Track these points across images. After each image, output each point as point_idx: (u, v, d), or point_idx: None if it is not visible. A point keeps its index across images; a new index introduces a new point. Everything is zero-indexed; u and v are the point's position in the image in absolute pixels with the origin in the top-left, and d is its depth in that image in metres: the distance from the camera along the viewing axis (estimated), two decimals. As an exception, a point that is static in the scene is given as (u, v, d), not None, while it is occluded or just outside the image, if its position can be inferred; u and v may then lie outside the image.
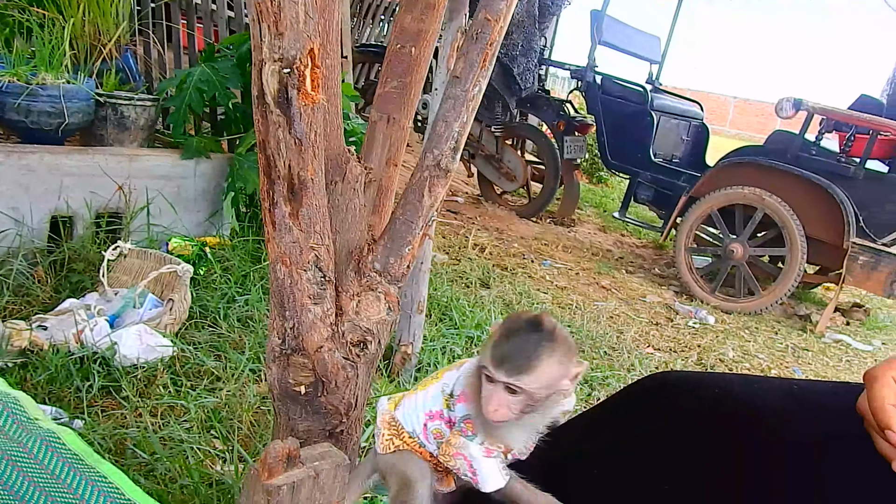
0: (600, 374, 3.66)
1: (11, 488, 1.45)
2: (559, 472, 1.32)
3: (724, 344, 4.77)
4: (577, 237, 7.21)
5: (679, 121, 7.00)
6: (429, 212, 1.61)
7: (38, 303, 3.24)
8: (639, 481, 1.21)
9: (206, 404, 2.65)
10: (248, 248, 4.05)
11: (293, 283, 1.51)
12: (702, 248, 6.11)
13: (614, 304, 5.17)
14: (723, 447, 1.12)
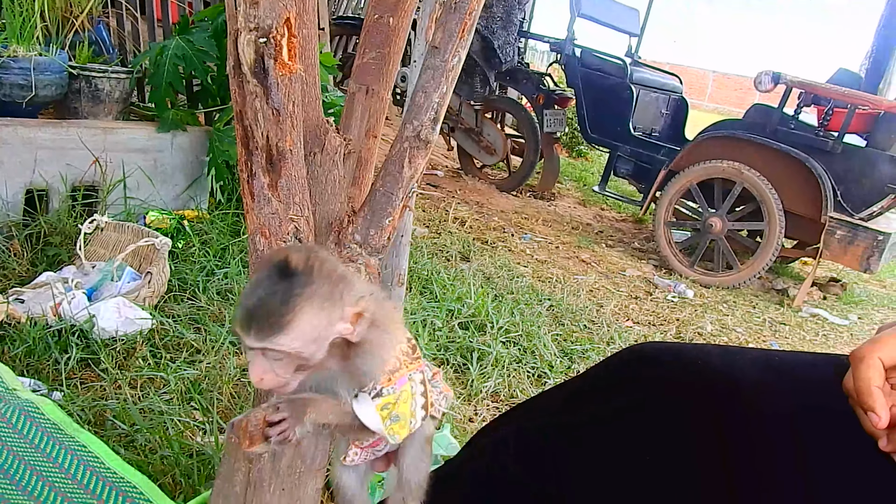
0: (580, 348, 3.69)
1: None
2: (537, 444, 1.33)
3: (703, 318, 4.82)
4: (556, 211, 7.23)
5: (658, 94, 7.00)
6: (409, 183, 1.61)
7: (14, 276, 3.21)
8: (619, 453, 1.21)
9: (185, 376, 2.65)
10: (227, 221, 4.03)
11: (272, 254, 1.50)
12: (681, 222, 6.16)
13: (594, 278, 5.20)
14: (702, 418, 1.13)
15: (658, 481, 1.15)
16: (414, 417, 1.15)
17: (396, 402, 1.12)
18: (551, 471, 1.27)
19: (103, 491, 1.38)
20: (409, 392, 1.14)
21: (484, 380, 3.13)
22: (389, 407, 1.11)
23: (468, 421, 2.84)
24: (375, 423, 1.09)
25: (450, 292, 3.92)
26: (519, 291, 4.34)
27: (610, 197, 7.05)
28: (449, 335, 3.46)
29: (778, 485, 1.04)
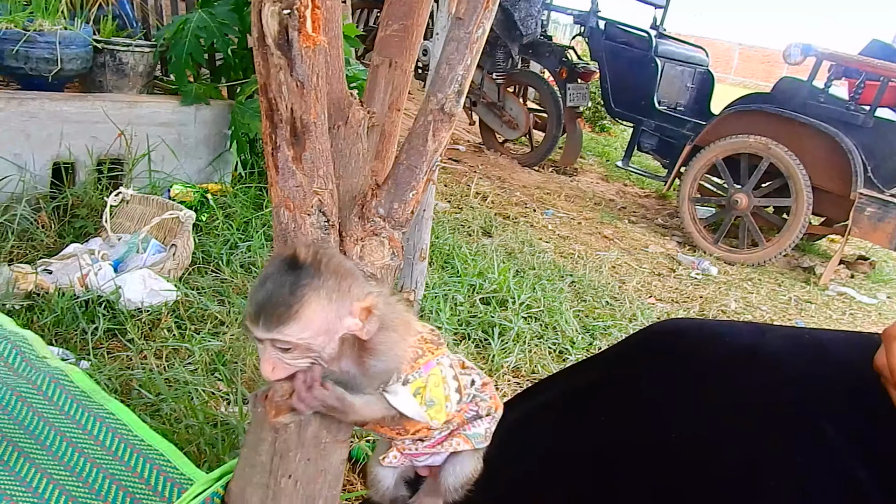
0: (602, 324, 3.69)
1: (21, 423, 1.48)
2: (566, 419, 1.32)
3: (727, 295, 4.79)
4: (579, 186, 7.19)
5: (684, 67, 6.91)
6: (433, 157, 1.60)
7: (42, 247, 3.26)
8: (644, 427, 1.21)
9: (210, 347, 2.68)
10: (251, 194, 4.05)
11: (297, 227, 1.51)
12: (705, 199, 6.10)
13: (616, 254, 5.18)
14: (728, 394, 1.13)
15: (683, 453, 1.15)
16: (449, 401, 1.14)
17: (426, 385, 1.11)
18: (581, 439, 1.27)
19: (131, 458, 1.40)
20: (440, 375, 1.14)
21: (505, 355, 3.13)
22: (421, 391, 1.11)
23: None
24: (414, 410, 1.09)
25: (471, 267, 3.92)
26: (541, 267, 4.33)
27: (633, 172, 7.00)
28: (470, 310, 3.47)
29: (799, 464, 1.04)
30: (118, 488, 1.34)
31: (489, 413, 1.28)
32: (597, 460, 1.24)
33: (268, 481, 1.04)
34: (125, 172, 3.74)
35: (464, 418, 1.27)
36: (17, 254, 3.16)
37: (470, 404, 1.26)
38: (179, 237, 3.22)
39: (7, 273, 2.81)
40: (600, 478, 1.23)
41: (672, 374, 1.20)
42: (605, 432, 1.25)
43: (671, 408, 1.18)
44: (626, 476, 1.21)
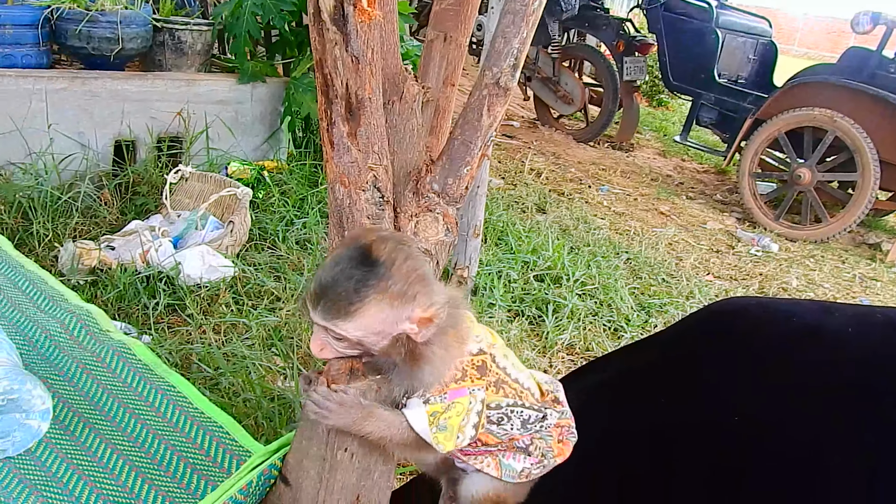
0: (658, 301, 3.63)
1: (86, 394, 1.53)
2: (623, 398, 1.31)
3: (788, 272, 4.67)
4: (635, 162, 7.07)
5: (745, 39, 6.70)
6: (487, 132, 1.59)
7: (105, 224, 3.34)
8: (704, 410, 1.19)
9: (266, 323, 2.72)
10: (305, 171, 4.09)
11: (352, 203, 1.51)
12: (767, 174, 5.94)
13: (673, 231, 5.09)
14: (793, 375, 1.10)
15: (743, 433, 1.13)
16: (462, 433, 1.13)
17: (446, 411, 1.11)
18: (638, 419, 1.25)
19: (191, 429, 1.44)
20: (466, 407, 1.13)
21: (559, 332, 3.11)
22: (437, 415, 1.10)
23: (542, 373, 2.84)
24: (422, 426, 1.09)
25: (525, 244, 3.90)
26: (596, 244, 4.28)
27: (692, 147, 6.85)
28: (524, 287, 3.45)
29: (866, 443, 1.01)
30: (179, 458, 1.37)
31: (543, 455, 1.28)
32: (654, 440, 1.23)
33: (324, 454, 1.05)
34: (184, 150, 3.80)
35: (512, 445, 1.26)
36: (81, 230, 3.25)
37: (525, 436, 1.25)
38: (237, 214, 3.27)
39: (72, 249, 2.89)
40: (657, 457, 1.22)
41: (733, 353, 1.17)
42: (663, 412, 1.23)
43: (732, 388, 1.15)
44: (683, 456, 1.19)
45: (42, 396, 1.37)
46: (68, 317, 1.74)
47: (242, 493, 1.09)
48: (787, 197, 5.64)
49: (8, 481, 1.29)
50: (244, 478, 1.10)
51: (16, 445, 1.36)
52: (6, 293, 1.83)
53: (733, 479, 1.16)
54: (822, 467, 1.07)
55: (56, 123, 3.37)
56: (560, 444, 1.28)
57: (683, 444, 1.18)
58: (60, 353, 1.63)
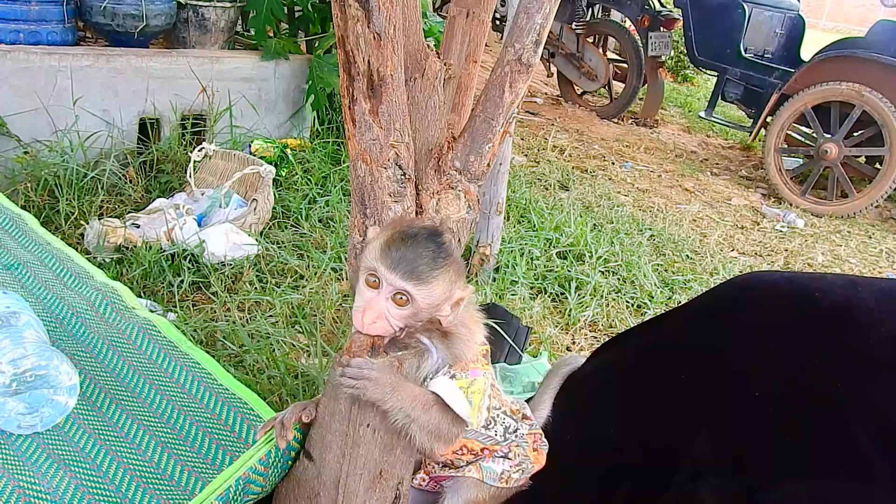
0: (682, 278, 3.61)
1: (112, 370, 1.55)
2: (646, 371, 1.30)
3: (814, 248, 4.62)
4: (660, 138, 7.00)
5: (772, 13, 6.58)
6: (510, 108, 1.58)
7: (130, 202, 3.37)
8: (727, 385, 1.18)
9: (290, 301, 2.74)
10: (328, 149, 4.09)
11: (373, 180, 1.51)
12: (793, 149, 5.85)
13: (698, 207, 5.04)
14: (823, 355, 1.09)
15: (769, 411, 1.12)
16: (480, 412, 1.18)
17: (469, 387, 1.15)
18: (660, 392, 1.25)
19: (216, 405, 1.45)
20: (483, 385, 1.18)
21: (582, 309, 3.11)
22: (463, 390, 1.15)
23: (566, 350, 2.84)
24: (457, 400, 1.13)
25: (548, 221, 3.89)
26: (619, 221, 4.25)
27: (717, 123, 6.76)
28: (547, 264, 3.44)
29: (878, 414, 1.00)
30: (204, 434, 1.39)
31: (521, 462, 1.32)
32: (676, 414, 1.22)
33: (347, 429, 1.06)
34: (207, 128, 3.81)
35: (491, 454, 1.30)
36: (106, 208, 3.28)
37: (503, 445, 1.29)
38: (260, 192, 3.28)
39: (97, 227, 2.92)
40: (678, 432, 1.21)
41: (759, 329, 1.16)
42: (685, 386, 1.22)
43: (757, 365, 1.14)
44: (704, 431, 1.19)
45: (69, 373, 1.39)
46: (94, 294, 1.76)
47: (262, 464, 1.11)
48: (813, 172, 5.57)
49: (37, 456, 1.32)
50: (263, 448, 1.11)
51: (44, 421, 1.38)
52: (33, 270, 1.85)
53: (755, 456, 1.15)
54: (853, 449, 1.06)
55: (81, 100, 3.39)
56: (535, 452, 1.32)
57: (705, 419, 1.18)
58: (87, 330, 1.65)
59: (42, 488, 1.24)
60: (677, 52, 9.15)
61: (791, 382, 1.11)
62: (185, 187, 3.46)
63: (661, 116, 7.76)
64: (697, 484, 1.17)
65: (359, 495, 1.11)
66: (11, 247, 1.97)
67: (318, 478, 1.11)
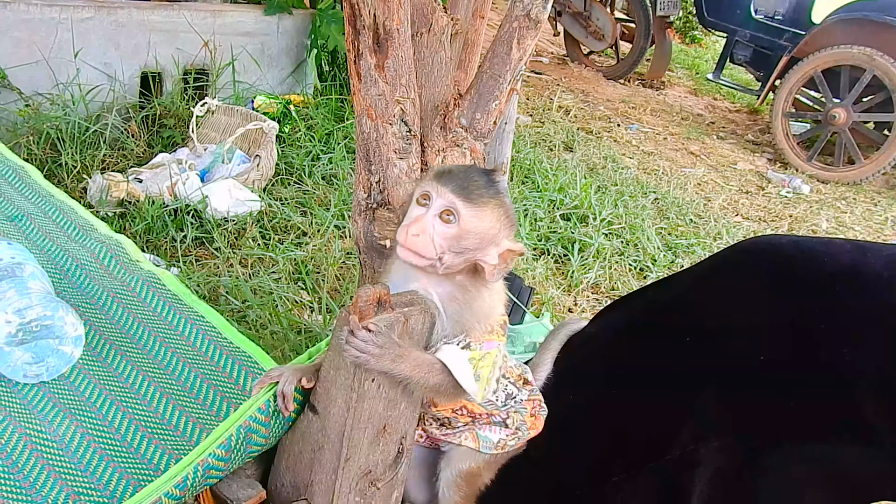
0: (685, 242, 3.60)
1: (117, 322, 1.55)
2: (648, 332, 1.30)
3: (818, 215, 4.61)
4: (666, 100, 6.94)
5: (784, -27, 6.48)
6: (517, 65, 1.56)
7: (132, 156, 3.36)
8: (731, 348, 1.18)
9: (293, 257, 2.74)
10: (332, 106, 4.06)
11: (379, 136, 1.50)
12: (801, 113, 5.80)
13: (703, 171, 5.02)
14: (831, 320, 1.08)
15: (773, 374, 1.12)
16: (488, 385, 1.16)
17: (481, 360, 1.13)
18: (662, 354, 1.25)
19: (220, 358, 1.46)
20: (493, 358, 1.16)
21: (584, 271, 3.11)
22: (474, 362, 1.13)
23: (567, 311, 2.85)
24: (464, 373, 1.11)
25: (552, 182, 3.87)
26: (623, 183, 4.24)
27: (724, 86, 6.70)
28: (550, 226, 3.44)
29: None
30: (209, 386, 1.39)
31: (517, 428, 1.31)
32: (679, 376, 1.23)
33: (351, 383, 1.07)
34: (210, 83, 3.78)
35: (489, 420, 1.29)
36: (109, 162, 3.26)
37: (502, 411, 1.28)
38: (263, 148, 3.26)
39: (100, 181, 2.91)
40: (681, 393, 1.22)
41: (765, 293, 1.15)
42: (688, 349, 1.22)
43: (762, 328, 1.14)
44: (707, 393, 1.19)
45: (74, 324, 1.40)
46: (98, 246, 1.76)
47: (263, 413, 1.11)
48: (820, 137, 5.52)
49: (43, 405, 1.33)
50: (262, 397, 1.12)
51: (50, 371, 1.39)
52: (37, 222, 1.85)
53: (757, 419, 1.16)
54: (856, 413, 1.07)
55: (82, 53, 3.35)
56: (532, 418, 1.31)
57: (708, 382, 1.18)
58: (91, 281, 1.65)
59: (48, 436, 1.26)
60: (686, 12, 9.03)
61: (796, 346, 1.11)
62: (188, 142, 3.44)
63: (667, 78, 7.69)
64: (699, 445, 1.18)
65: (363, 449, 1.12)
66: (15, 198, 1.96)
67: (322, 431, 1.12)
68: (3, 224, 1.85)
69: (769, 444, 1.16)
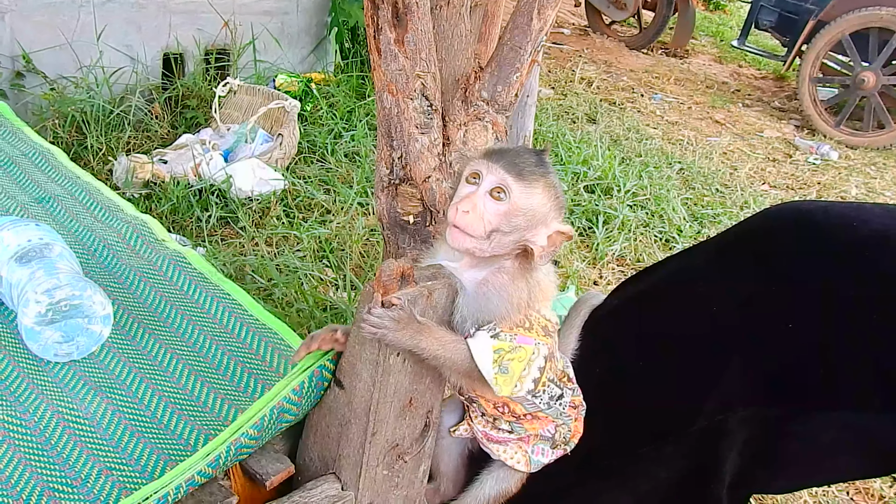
0: (711, 212, 3.57)
1: (145, 301, 1.57)
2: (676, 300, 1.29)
3: (847, 181, 4.53)
4: (690, 69, 6.84)
5: (811, -65, 6.34)
6: (538, 36, 1.54)
7: (156, 138, 3.38)
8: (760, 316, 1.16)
9: (317, 235, 2.76)
10: (353, 83, 4.05)
11: (400, 112, 1.50)
12: (828, 78, 5.70)
13: (728, 140, 4.95)
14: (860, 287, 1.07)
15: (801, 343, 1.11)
16: (521, 382, 1.13)
17: (511, 352, 1.10)
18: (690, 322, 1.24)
19: (247, 335, 1.47)
20: (529, 356, 1.12)
21: (609, 243, 3.09)
22: (502, 353, 1.10)
23: (593, 284, 2.84)
24: (485, 360, 1.09)
25: (575, 155, 3.84)
26: (648, 154, 4.20)
27: (749, 52, 6.58)
28: (574, 198, 3.42)
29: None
30: (236, 363, 1.41)
31: (566, 444, 1.29)
32: (706, 345, 1.22)
33: (377, 358, 1.07)
34: (231, 62, 3.79)
35: (538, 434, 1.26)
36: (133, 144, 3.29)
37: (550, 423, 1.25)
38: (285, 127, 3.27)
39: (125, 163, 2.93)
40: (708, 363, 1.21)
41: (795, 258, 1.13)
42: (716, 317, 1.21)
43: (791, 294, 1.13)
44: (735, 362, 1.18)
45: (103, 302, 1.41)
46: (125, 227, 1.78)
47: (296, 394, 1.12)
48: (849, 102, 5.42)
49: (74, 383, 1.35)
50: (296, 378, 1.12)
51: (80, 349, 1.41)
52: (63, 203, 1.87)
53: (788, 387, 1.15)
54: (888, 379, 1.05)
55: (105, 36, 3.37)
56: (576, 423, 1.28)
57: (736, 351, 1.17)
58: (118, 261, 1.67)
59: (80, 414, 1.28)
60: (710, -21, 8.87)
61: (825, 312, 1.10)
62: (211, 123, 3.46)
63: (691, 46, 7.58)
64: (726, 415, 1.17)
65: (389, 422, 1.13)
66: (42, 180, 1.99)
67: (348, 405, 1.13)
68: (31, 206, 1.87)
69: (797, 411, 1.15)
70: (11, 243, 1.48)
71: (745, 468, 1.22)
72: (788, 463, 1.19)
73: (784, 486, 1.38)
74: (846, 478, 1.67)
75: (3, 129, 2.27)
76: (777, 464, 1.20)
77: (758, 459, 1.20)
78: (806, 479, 1.35)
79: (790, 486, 1.47)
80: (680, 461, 1.24)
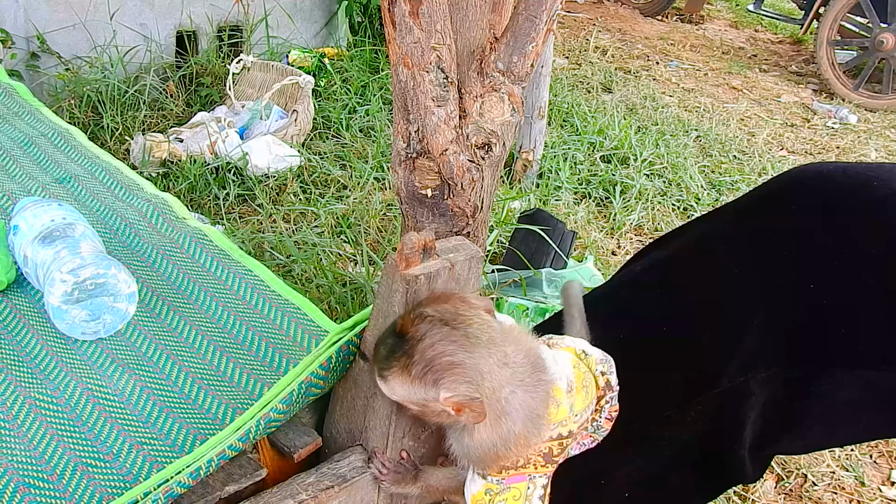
0: (729, 179, 3.55)
1: (167, 279, 1.59)
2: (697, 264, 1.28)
3: (867, 145, 4.48)
4: (706, 35, 6.75)
5: None
6: (553, 5, 1.53)
7: (172, 116, 3.39)
8: (782, 278, 1.16)
9: (334, 211, 2.76)
10: (366, 57, 4.03)
11: (416, 85, 1.49)
12: (846, 41, 5.60)
13: (745, 106, 4.90)
14: (882, 246, 1.06)
15: (825, 305, 1.11)
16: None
17: (501, 493, 1.08)
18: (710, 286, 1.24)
19: (270, 311, 1.49)
20: (523, 492, 1.09)
21: (627, 213, 3.08)
22: (492, 494, 1.08)
23: (611, 254, 2.84)
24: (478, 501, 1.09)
25: (591, 125, 3.82)
26: (664, 122, 4.16)
27: (766, 16, 6.48)
28: (591, 169, 3.40)
29: None
30: (260, 339, 1.42)
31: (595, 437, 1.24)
32: (727, 307, 1.22)
33: (400, 332, 1.08)
34: (244, 39, 3.78)
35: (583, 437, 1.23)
36: (149, 123, 3.30)
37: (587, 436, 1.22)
38: (300, 103, 3.27)
39: (142, 142, 2.95)
40: (730, 323, 1.21)
41: (815, 217, 1.13)
42: (737, 278, 1.21)
43: (812, 254, 1.12)
44: (756, 323, 1.18)
45: (127, 281, 1.43)
46: (145, 205, 1.79)
47: (323, 369, 1.14)
48: (868, 65, 5.34)
49: (101, 360, 1.37)
50: (324, 353, 1.14)
51: (107, 327, 1.43)
52: (84, 183, 1.88)
53: (810, 347, 1.15)
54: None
55: (118, 15, 3.37)
56: (608, 421, 1.24)
57: (757, 311, 1.16)
58: (140, 240, 1.68)
59: (110, 391, 1.30)
60: (725, -58, 8.72)
61: (845, 271, 1.09)
62: (226, 100, 3.46)
63: (706, 11, 7.47)
64: (748, 377, 1.18)
65: (413, 394, 1.15)
66: (62, 161, 2.00)
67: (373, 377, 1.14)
68: (52, 186, 1.89)
69: (819, 371, 1.15)
70: (35, 224, 1.50)
71: (767, 429, 1.22)
72: (810, 423, 1.20)
73: (805, 446, 1.38)
74: (867, 437, 1.67)
75: (21, 110, 2.29)
76: (799, 424, 1.20)
77: (779, 420, 1.21)
78: (827, 440, 1.35)
79: (811, 447, 1.47)
80: (703, 424, 1.25)
